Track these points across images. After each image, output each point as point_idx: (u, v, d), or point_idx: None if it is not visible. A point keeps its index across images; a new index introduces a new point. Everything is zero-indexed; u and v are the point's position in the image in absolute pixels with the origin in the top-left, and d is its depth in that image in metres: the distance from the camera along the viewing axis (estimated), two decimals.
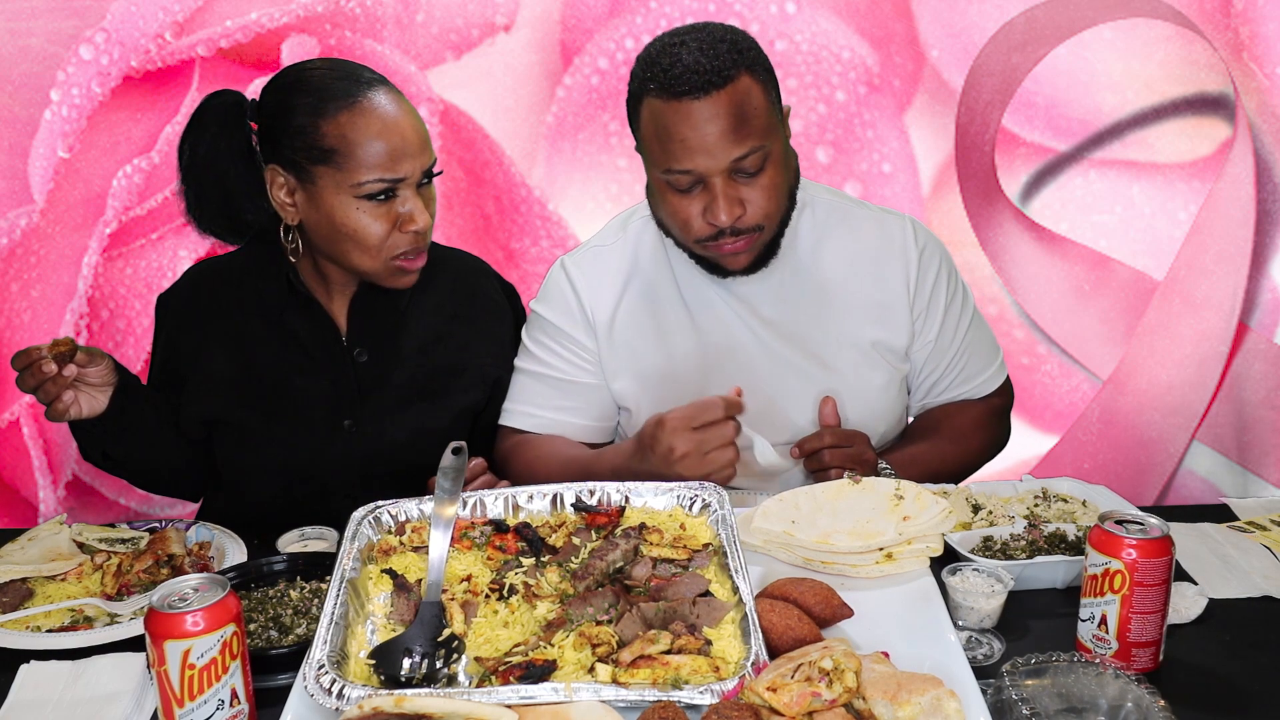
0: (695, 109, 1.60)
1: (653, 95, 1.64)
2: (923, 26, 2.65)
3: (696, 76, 1.60)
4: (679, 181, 1.66)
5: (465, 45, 2.62)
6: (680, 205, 1.68)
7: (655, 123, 1.64)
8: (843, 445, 1.74)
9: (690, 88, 1.60)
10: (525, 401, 1.89)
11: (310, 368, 1.81)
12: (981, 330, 1.97)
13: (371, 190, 1.66)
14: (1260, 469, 2.78)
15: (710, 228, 1.67)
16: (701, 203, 1.66)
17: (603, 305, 1.86)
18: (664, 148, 1.64)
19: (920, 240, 1.87)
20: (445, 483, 1.38)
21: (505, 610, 1.30)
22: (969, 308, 1.94)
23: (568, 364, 1.87)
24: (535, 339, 1.89)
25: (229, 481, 1.87)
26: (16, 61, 2.52)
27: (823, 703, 1.12)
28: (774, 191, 1.68)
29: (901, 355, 1.88)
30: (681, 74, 1.60)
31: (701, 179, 1.65)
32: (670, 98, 1.61)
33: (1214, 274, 2.71)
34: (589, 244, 1.93)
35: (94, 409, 1.67)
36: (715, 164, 1.62)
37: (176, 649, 1.12)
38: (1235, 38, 2.62)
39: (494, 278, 2.00)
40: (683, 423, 1.54)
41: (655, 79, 1.63)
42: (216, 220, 1.81)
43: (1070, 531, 1.56)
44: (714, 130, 1.61)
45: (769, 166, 1.67)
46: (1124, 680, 1.20)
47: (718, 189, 1.64)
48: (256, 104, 1.75)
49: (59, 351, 1.58)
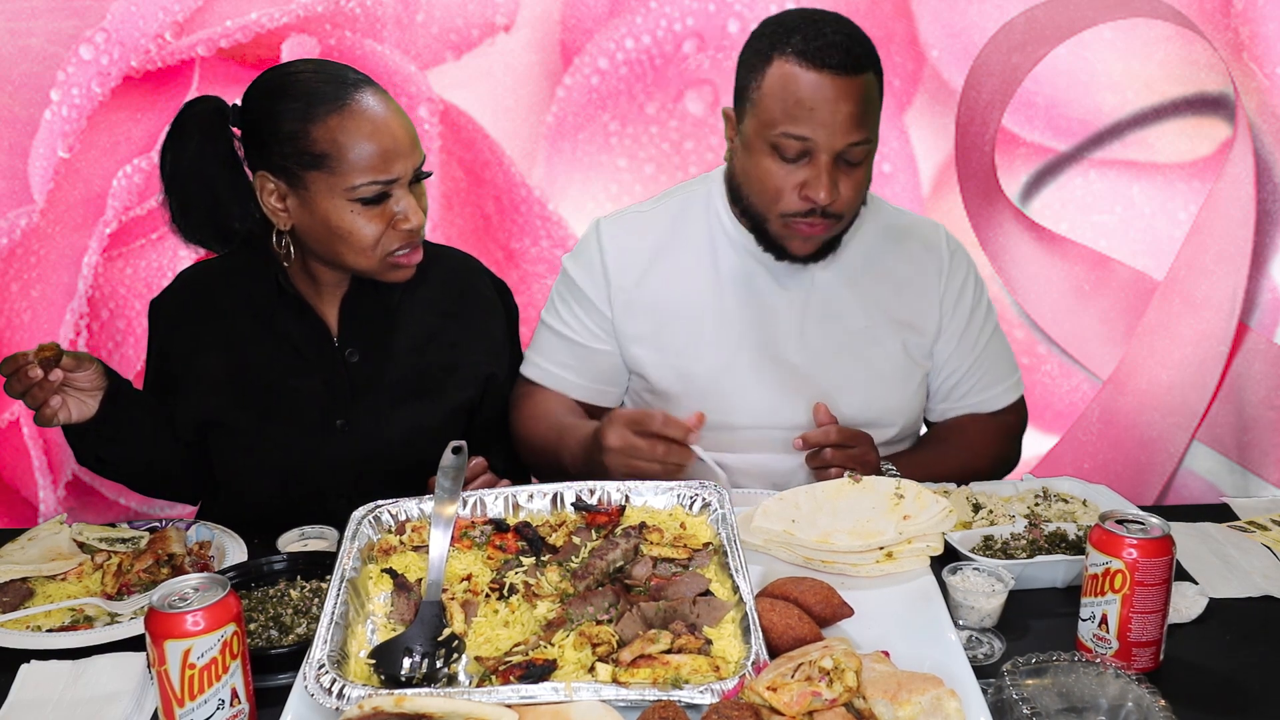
0: (835, 83, 1.64)
1: (791, 59, 1.66)
2: (923, 26, 2.65)
3: (844, 55, 1.65)
4: (788, 148, 1.68)
5: (465, 45, 2.62)
6: (778, 173, 1.71)
7: (785, 84, 1.66)
8: (846, 445, 1.75)
9: (836, 64, 1.64)
10: (538, 352, 1.95)
11: (302, 369, 1.81)
12: (1002, 344, 2.00)
13: (365, 194, 1.66)
14: (1260, 469, 2.78)
15: (804, 203, 1.70)
16: (801, 176, 1.69)
17: (629, 269, 1.88)
18: (788, 110, 1.66)
19: (952, 243, 1.95)
20: (445, 482, 1.38)
21: (505, 610, 1.30)
22: (992, 318, 1.98)
23: (582, 326, 1.91)
24: (560, 294, 1.95)
25: (225, 484, 1.87)
26: (16, 61, 2.52)
27: (823, 702, 1.11)
28: (861, 188, 1.74)
29: (926, 351, 1.91)
30: (827, 47, 1.65)
31: (809, 152, 1.68)
32: (812, 65, 1.65)
33: (1214, 274, 2.71)
34: (629, 208, 1.97)
35: (83, 414, 1.67)
36: (832, 141, 1.66)
37: (177, 649, 1.12)
38: (1235, 38, 2.62)
39: (485, 275, 2.00)
40: (627, 423, 1.58)
41: (795, 45, 1.66)
42: (203, 229, 1.78)
43: (1071, 531, 1.56)
44: (844, 109, 1.65)
45: (865, 162, 1.73)
46: (1124, 680, 1.20)
47: (823, 166, 1.68)
48: (239, 109, 1.72)
49: (44, 356, 1.58)
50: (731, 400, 1.84)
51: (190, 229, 1.77)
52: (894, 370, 1.88)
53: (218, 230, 1.78)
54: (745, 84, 1.73)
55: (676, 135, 2.65)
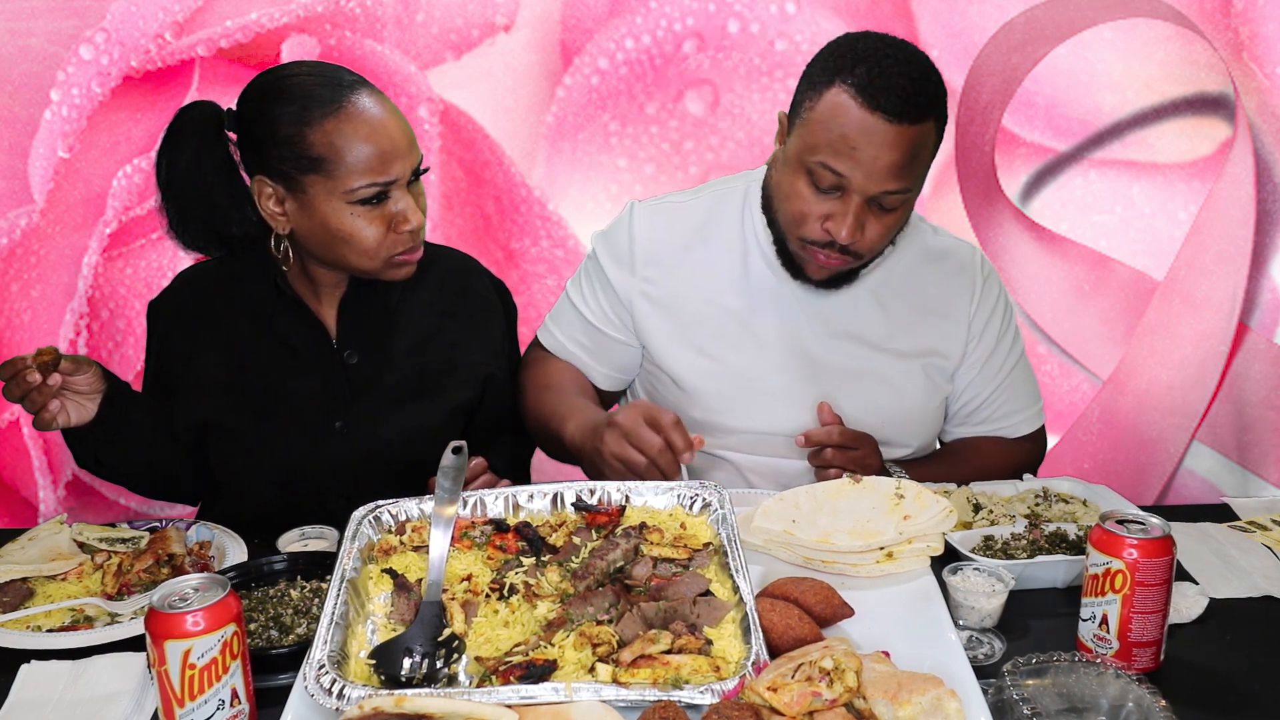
0: (883, 130, 1.59)
1: (848, 90, 1.61)
2: (923, 26, 2.65)
3: (900, 103, 1.58)
4: (824, 178, 1.64)
5: (465, 45, 2.62)
6: (807, 196, 1.67)
7: (836, 115, 1.61)
8: (849, 447, 1.74)
9: (890, 110, 1.58)
10: (557, 323, 1.97)
11: (301, 370, 1.81)
12: (1026, 372, 1.98)
13: (364, 195, 1.65)
14: (1260, 469, 2.78)
15: (824, 234, 1.67)
16: (829, 208, 1.66)
17: (658, 261, 1.87)
18: (831, 143, 1.62)
19: (986, 268, 1.92)
20: (445, 482, 1.38)
21: (505, 610, 1.30)
22: (1019, 347, 1.95)
23: (600, 311, 1.91)
24: (587, 272, 1.95)
25: (224, 486, 1.87)
26: (16, 61, 2.52)
27: (823, 702, 1.11)
28: (890, 232, 1.70)
29: (948, 375, 1.89)
30: (887, 89, 1.59)
31: (843, 188, 1.64)
32: (865, 104, 1.59)
33: (1214, 274, 2.71)
34: (666, 196, 1.95)
35: (82, 417, 1.67)
36: (867, 186, 1.62)
37: (177, 649, 1.12)
38: (1235, 38, 2.62)
39: (484, 275, 1.99)
40: (643, 410, 1.58)
41: (858, 78, 1.60)
42: (201, 235, 1.76)
43: (1071, 531, 1.56)
44: (887, 158, 1.60)
45: (901, 210, 1.69)
46: (1125, 680, 1.20)
47: (853, 206, 1.64)
48: (234, 114, 1.71)
49: (43, 361, 1.58)
50: (748, 403, 1.84)
51: (188, 235, 1.76)
52: (914, 391, 1.86)
53: (215, 235, 1.77)
54: (801, 100, 1.68)
55: (676, 135, 2.65)
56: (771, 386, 1.84)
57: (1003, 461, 1.94)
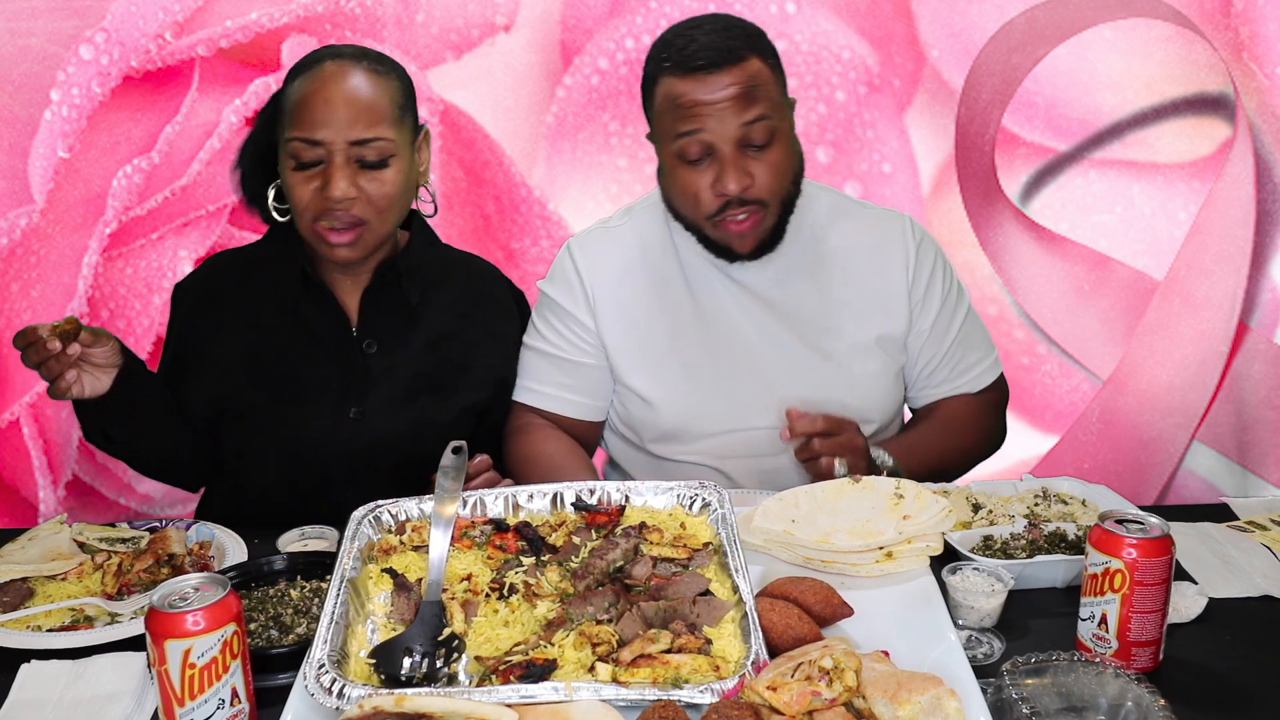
0: (708, 79, 1.69)
1: (668, 73, 1.72)
2: (923, 26, 2.65)
3: (711, 53, 1.69)
4: (689, 149, 1.71)
5: (465, 45, 2.62)
6: (691, 179, 1.74)
7: (669, 97, 1.72)
8: (832, 433, 1.73)
9: (705, 63, 1.69)
10: (529, 377, 1.94)
11: (319, 356, 1.83)
12: (975, 325, 2.01)
13: (294, 150, 1.69)
14: (1260, 469, 2.78)
15: (719, 199, 1.73)
16: (711, 174, 1.72)
17: (604, 284, 1.89)
18: (675, 117, 1.71)
19: (917, 234, 1.94)
20: (445, 481, 1.38)
21: (505, 609, 1.30)
22: (964, 302, 1.98)
23: (569, 344, 1.91)
24: (543, 316, 1.94)
25: (231, 470, 1.88)
26: (16, 61, 2.52)
27: (823, 702, 1.12)
28: (780, 169, 1.74)
29: (900, 345, 1.91)
30: (696, 52, 1.69)
31: (711, 149, 1.71)
32: (685, 73, 1.70)
33: (1214, 274, 2.71)
34: (595, 225, 1.99)
35: (96, 389, 1.68)
36: (724, 129, 1.69)
37: (177, 648, 1.12)
38: (1235, 38, 2.62)
39: (505, 283, 2.03)
40: None
41: (670, 58, 1.72)
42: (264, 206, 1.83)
43: (1070, 531, 1.56)
44: (724, 96, 1.68)
45: (776, 143, 1.73)
46: (1124, 679, 1.20)
47: (727, 158, 1.71)
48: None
49: (63, 330, 1.59)
50: (717, 406, 1.86)
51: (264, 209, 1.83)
52: (870, 366, 1.88)
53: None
54: (647, 111, 1.81)
55: None
56: (732, 385, 1.86)
57: (973, 413, 1.98)
